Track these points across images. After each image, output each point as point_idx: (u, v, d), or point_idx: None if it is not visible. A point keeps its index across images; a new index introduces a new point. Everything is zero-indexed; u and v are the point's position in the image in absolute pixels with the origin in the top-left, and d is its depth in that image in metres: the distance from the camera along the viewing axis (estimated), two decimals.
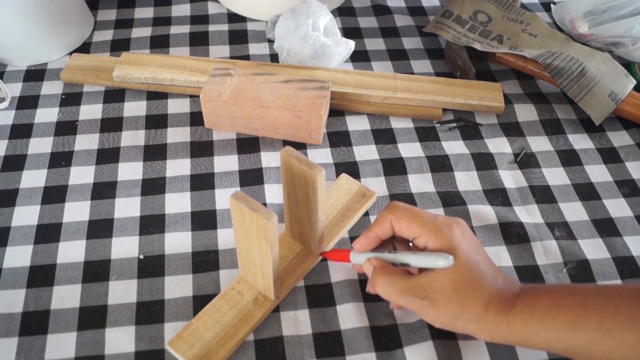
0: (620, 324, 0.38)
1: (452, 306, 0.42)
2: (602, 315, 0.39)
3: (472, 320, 0.43)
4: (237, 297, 0.49)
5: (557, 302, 0.41)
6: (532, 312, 0.41)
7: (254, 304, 0.48)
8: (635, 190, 0.61)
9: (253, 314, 0.48)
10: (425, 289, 0.43)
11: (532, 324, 0.41)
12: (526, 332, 0.41)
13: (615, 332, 0.38)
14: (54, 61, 0.72)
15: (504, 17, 0.75)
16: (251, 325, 0.47)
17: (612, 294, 0.40)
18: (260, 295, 0.49)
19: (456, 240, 0.43)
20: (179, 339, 0.46)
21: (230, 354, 0.46)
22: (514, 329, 0.42)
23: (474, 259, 0.43)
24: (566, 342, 0.40)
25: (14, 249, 0.53)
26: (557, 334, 0.40)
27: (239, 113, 0.61)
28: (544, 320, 0.41)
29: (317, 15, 0.67)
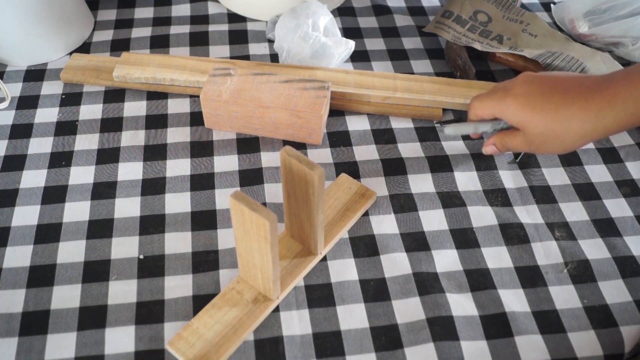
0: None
1: (547, 139, 0.47)
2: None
3: (574, 140, 0.47)
4: (237, 297, 0.49)
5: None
6: (635, 100, 0.43)
7: (254, 303, 0.48)
8: (635, 190, 0.61)
9: (253, 314, 0.48)
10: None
11: (638, 111, 0.43)
12: (634, 119, 0.43)
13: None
14: (54, 61, 0.72)
15: (504, 17, 0.75)
16: (251, 325, 0.47)
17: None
18: (260, 295, 0.49)
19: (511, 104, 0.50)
20: (179, 338, 0.46)
21: (230, 353, 0.46)
22: (620, 123, 0.44)
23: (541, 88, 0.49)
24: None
25: (14, 249, 0.53)
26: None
27: (239, 113, 0.61)
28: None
29: (317, 15, 0.67)
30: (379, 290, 0.51)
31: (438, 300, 0.51)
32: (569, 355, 0.48)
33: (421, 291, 0.51)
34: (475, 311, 0.50)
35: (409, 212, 0.57)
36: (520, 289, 0.52)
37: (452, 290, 0.52)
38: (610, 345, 0.49)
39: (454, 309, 0.50)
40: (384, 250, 0.54)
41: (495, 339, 0.49)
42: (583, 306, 0.51)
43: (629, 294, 0.52)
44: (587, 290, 0.52)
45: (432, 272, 0.53)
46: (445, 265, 0.53)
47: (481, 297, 0.51)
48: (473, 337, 0.49)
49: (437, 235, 0.56)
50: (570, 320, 0.50)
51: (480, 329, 0.49)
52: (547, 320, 0.50)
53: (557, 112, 0.47)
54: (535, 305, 0.51)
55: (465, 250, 0.55)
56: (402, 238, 0.55)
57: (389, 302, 0.51)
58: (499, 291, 0.52)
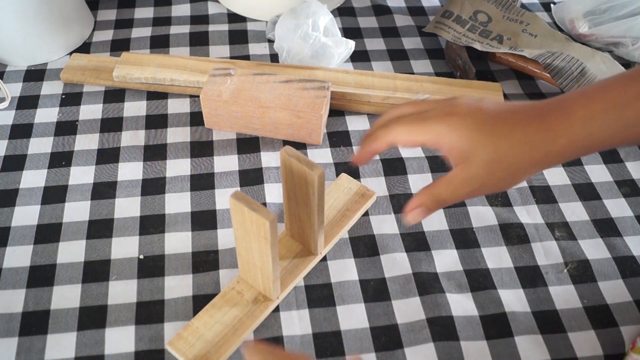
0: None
1: (495, 174, 0.39)
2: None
3: (526, 169, 0.39)
4: (237, 297, 0.49)
5: (615, 102, 0.37)
6: (592, 120, 0.38)
7: (254, 303, 0.48)
8: (635, 190, 0.61)
9: (253, 314, 0.48)
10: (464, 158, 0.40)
11: (599, 134, 0.38)
12: (595, 142, 0.38)
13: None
14: (54, 61, 0.72)
15: (504, 17, 0.75)
16: (251, 325, 0.47)
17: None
18: (260, 295, 0.49)
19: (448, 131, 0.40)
20: (179, 338, 0.46)
21: (230, 353, 0.46)
22: (579, 146, 0.38)
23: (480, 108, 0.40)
24: (637, 134, 0.37)
25: (14, 249, 0.53)
26: (628, 131, 0.37)
27: (239, 113, 0.61)
28: (609, 123, 0.37)
29: (317, 15, 0.67)
30: (379, 290, 0.51)
31: (438, 300, 0.51)
32: (569, 355, 0.48)
33: (421, 291, 0.51)
34: (475, 311, 0.50)
35: None
36: (520, 289, 0.52)
37: (452, 290, 0.52)
38: (610, 345, 0.49)
39: (454, 309, 0.50)
40: (384, 250, 0.54)
41: (495, 339, 0.49)
42: (583, 306, 0.51)
43: (629, 294, 0.52)
44: (587, 290, 0.52)
45: (432, 272, 0.53)
46: (445, 265, 0.53)
47: (481, 297, 0.51)
48: (473, 337, 0.49)
49: (437, 235, 0.56)
50: (570, 320, 0.50)
51: (480, 329, 0.49)
52: (547, 320, 0.50)
53: (511, 135, 0.39)
54: (535, 305, 0.51)
55: (465, 250, 0.55)
56: (402, 238, 0.55)
57: (389, 302, 0.51)
58: (499, 291, 0.52)
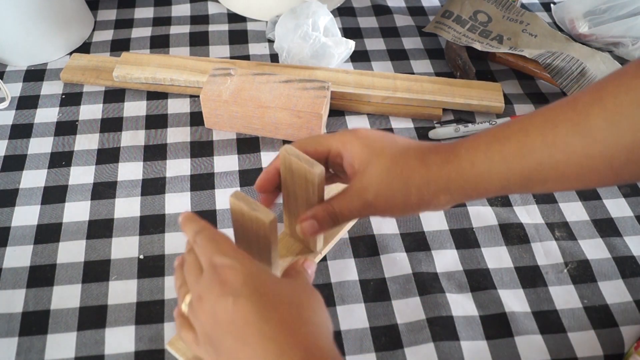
0: (563, 134, 0.38)
1: (391, 184, 0.41)
2: (544, 132, 0.38)
3: (419, 185, 0.41)
4: None
5: (497, 136, 0.40)
6: (475, 151, 0.40)
7: None
8: (635, 190, 0.61)
9: None
10: (359, 195, 0.42)
11: (480, 163, 0.40)
12: (478, 173, 0.40)
13: (561, 144, 0.38)
14: (54, 61, 0.72)
15: (504, 17, 0.75)
16: None
17: (549, 111, 0.40)
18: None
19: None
20: (178, 338, 0.46)
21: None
22: (464, 174, 0.40)
23: (374, 139, 0.43)
24: (518, 170, 0.39)
25: (14, 249, 0.53)
26: (507, 165, 0.39)
27: (239, 113, 0.61)
28: (490, 156, 0.40)
29: (317, 15, 0.67)
30: (379, 290, 0.51)
31: (438, 300, 0.51)
32: (569, 355, 0.48)
33: (421, 291, 0.51)
34: (475, 311, 0.50)
35: None
36: (520, 289, 0.52)
37: (452, 290, 0.52)
38: (610, 345, 0.49)
39: (454, 309, 0.50)
40: (384, 250, 0.54)
41: (495, 339, 0.49)
42: (583, 306, 0.51)
43: (628, 294, 0.52)
44: (587, 290, 0.52)
45: (432, 272, 0.53)
46: (445, 265, 0.53)
47: (481, 297, 0.51)
48: (473, 337, 0.49)
49: (437, 235, 0.56)
50: (570, 320, 0.50)
51: (480, 329, 0.49)
52: (547, 320, 0.50)
53: (409, 151, 0.42)
54: (536, 306, 0.51)
55: (465, 250, 0.55)
56: (402, 238, 0.55)
57: (389, 302, 0.51)
58: (499, 291, 0.52)
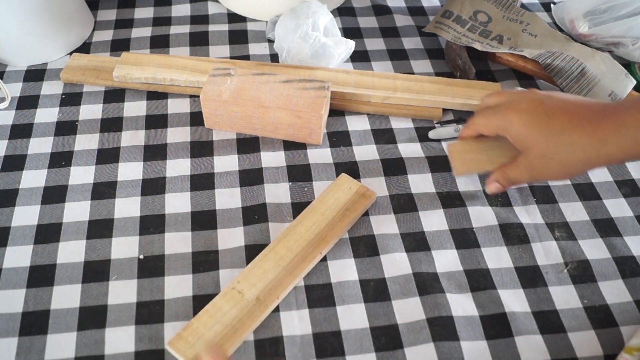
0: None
1: (551, 158, 0.45)
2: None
3: (571, 144, 0.44)
4: (238, 296, 0.49)
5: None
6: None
7: (254, 303, 0.48)
8: (635, 190, 0.61)
9: (253, 314, 0.48)
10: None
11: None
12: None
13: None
14: (54, 61, 0.72)
15: (504, 17, 0.75)
16: (251, 326, 0.47)
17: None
18: (261, 295, 0.49)
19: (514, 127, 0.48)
20: (179, 338, 0.46)
21: (230, 353, 0.46)
22: (629, 151, 0.42)
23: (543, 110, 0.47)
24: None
25: (14, 249, 0.53)
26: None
27: (239, 113, 0.61)
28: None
29: (317, 15, 0.67)
30: (379, 291, 0.51)
31: (438, 301, 0.51)
32: (569, 355, 0.48)
33: (421, 291, 0.51)
34: (475, 311, 0.50)
35: (409, 212, 0.57)
36: (520, 289, 0.52)
37: (452, 291, 0.52)
38: (610, 345, 0.49)
39: (454, 309, 0.50)
40: (384, 250, 0.54)
41: (496, 339, 0.49)
42: (583, 306, 0.51)
43: (629, 294, 0.52)
44: (587, 290, 0.52)
45: (432, 272, 0.53)
46: (446, 266, 0.53)
47: (481, 297, 0.51)
48: (473, 337, 0.49)
49: (437, 236, 0.56)
50: (571, 320, 0.50)
51: (480, 329, 0.49)
52: (547, 321, 0.50)
53: (562, 136, 0.45)
54: (536, 306, 0.51)
55: (465, 250, 0.55)
56: (402, 238, 0.55)
57: (389, 302, 0.51)
58: (499, 291, 0.52)
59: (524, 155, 0.49)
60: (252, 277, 0.50)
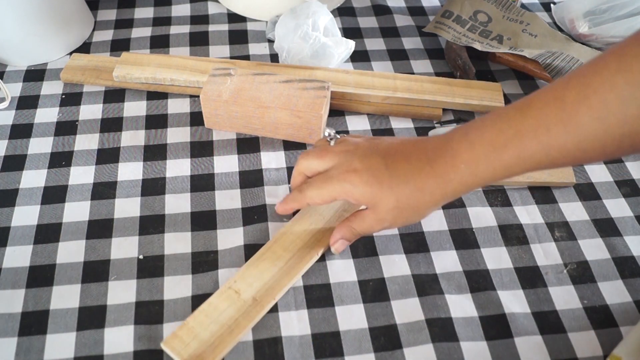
0: (556, 135, 0.38)
1: (402, 212, 0.44)
2: (538, 136, 0.38)
3: (428, 207, 0.44)
4: (234, 296, 0.49)
5: (494, 144, 0.40)
6: (476, 164, 0.41)
7: (250, 303, 0.48)
8: (635, 190, 0.61)
9: (250, 314, 0.48)
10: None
11: (482, 173, 0.41)
12: (481, 180, 0.41)
13: (555, 144, 0.38)
14: (54, 61, 0.72)
15: (504, 17, 0.75)
16: (247, 325, 0.47)
17: (539, 113, 0.39)
18: (258, 295, 0.49)
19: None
20: (174, 337, 0.46)
21: (225, 353, 0.46)
22: (469, 184, 0.41)
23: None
24: (519, 171, 0.40)
25: (13, 249, 0.53)
26: (509, 170, 0.40)
27: (239, 113, 0.61)
28: (491, 165, 0.40)
29: (317, 15, 0.67)
30: (378, 291, 0.51)
31: (437, 302, 0.51)
32: (569, 355, 0.48)
33: (420, 292, 0.51)
34: (474, 312, 0.50)
35: None
36: (520, 290, 0.52)
37: (452, 291, 0.52)
38: (610, 345, 0.49)
39: (453, 310, 0.50)
40: (383, 250, 0.54)
41: (495, 340, 0.49)
42: (583, 307, 0.51)
43: (629, 294, 0.52)
44: (587, 290, 0.52)
45: (432, 273, 0.53)
46: (445, 266, 0.53)
47: (481, 298, 0.51)
48: (472, 338, 0.49)
49: (437, 236, 0.56)
50: (571, 320, 0.50)
51: (479, 329, 0.49)
52: (547, 321, 0.50)
53: (408, 184, 0.43)
54: (535, 306, 0.51)
55: (464, 251, 0.55)
56: (401, 239, 0.55)
57: (388, 302, 0.51)
58: (498, 292, 0.52)
59: (371, 210, 0.46)
60: (249, 277, 0.50)
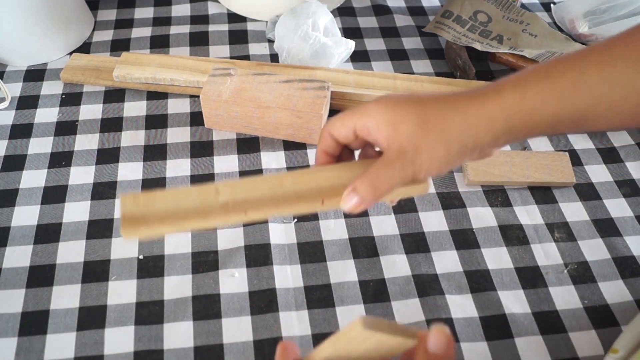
0: (623, 68, 0.36)
1: (428, 136, 0.37)
2: (601, 68, 0.36)
3: (459, 131, 0.37)
4: (212, 193, 0.40)
5: (548, 72, 0.37)
6: (524, 87, 0.37)
7: (221, 206, 0.40)
8: (635, 190, 0.61)
9: (212, 214, 0.39)
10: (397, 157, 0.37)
11: (530, 98, 0.37)
12: (527, 109, 0.37)
13: (620, 79, 0.36)
14: (54, 61, 0.72)
15: (504, 17, 0.75)
16: (203, 225, 0.39)
17: (603, 48, 0.37)
18: (232, 202, 0.40)
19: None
20: (134, 196, 0.39)
21: (162, 234, 0.40)
22: (511, 111, 0.37)
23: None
24: (572, 107, 0.36)
25: (13, 249, 0.53)
26: (561, 101, 0.36)
27: (239, 113, 0.61)
28: (541, 91, 0.37)
29: (317, 15, 0.67)
30: (378, 291, 0.51)
31: (438, 302, 0.51)
32: (570, 355, 0.48)
33: (421, 292, 0.51)
34: (475, 312, 0.50)
35: (408, 213, 0.57)
36: (520, 290, 0.52)
37: (452, 292, 0.52)
38: (611, 343, 0.49)
39: (454, 310, 0.50)
40: (384, 251, 0.54)
41: (496, 340, 0.49)
42: (584, 306, 0.51)
43: (629, 294, 0.52)
44: (587, 290, 0.52)
45: (432, 273, 0.53)
46: (445, 267, 0.53)
47: (481, 298, 0.51)
48: (473, 339, 0.49)
49: (437, 236, 0.56)
50: (571, 320, 0.50)
51: (480, 330, 0.49)
52: (548, 321, 0.50)
53: (437, 101, 0.38)
54: (536, 306, 0.51)
55: (465, 251, 0.55)
56: (402, 239, 0.55)
57: (389, 303, 0.51)
58: (499, 292, 0.52)
59: (395, 150, 0.38)
60: (239, 187, 0.41)
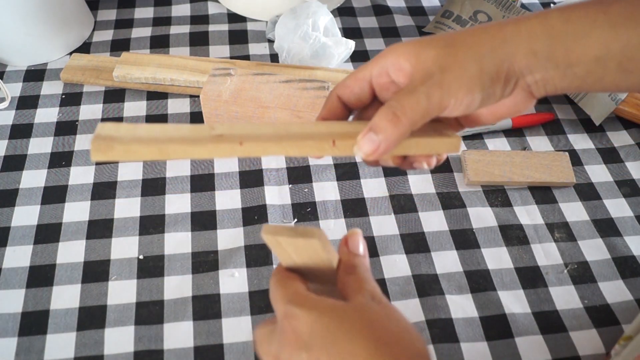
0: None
1: (456, 55, 0.33)
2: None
3: (494, 47, 0.32)
4: (206, 129, 0.34)
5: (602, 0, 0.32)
6: (571, 9, 0.32)
7: (213, 135, 0.33)
8: (635, 190, 0.61)
9: (199, 142, 0.32)
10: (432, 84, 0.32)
11: (576, 20, 0.32)
12: (573, 31, 0.32)
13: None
14: (54, 61, 0.72)
15: (504, 17, 0.75)
16: (188, 153, 0.32)
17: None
18: (227, 133, 0.33)
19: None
20: (117, 124, 0.32)
21: (141, 158, 0.32)
22: (553, 30, 0.32)
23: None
24: (625, 38, 0.31)
25: (13, 249, 0.53)
26: (613, 29, 0.31)
27: (239, 113, 0.61)
28: (591, 15, 0.32)
29: (317, 15, 0.67)
30: None
31: (438, 302, 0.51)
32: (570, 354, 0.48)
33: (421, 293, 0.51)
34: (475, 312, 0.50)
35: (409, 213, 0.57)
36: (520, 290, 0.52)
37: (452, 292, 0.52)
38: (613, 342, 0.49)
39: (454, 311, 0.50)
40: (384, 251, 0.54)
41: (496, 340, 0.49)
42: (584, 306, 0.51)
43: (629, 293, 0.52)
44: (587, 290, 0.52)
45: (432, 273, 0.53)
46: (445, 267, 0.53)
47: (481, 298, 0.51)
48: (473, 339, 0.49)
49: (437, 236, 0.56)
50: (571, 320, 0.50)
51: (480, 330, 0.49)
52: (548, 321, 0.50)
53: (464, 31, 0.34)
54: (536, 306, 0.51)
55: (465, 251, 0.55)
56: (402, 239, 0.55)
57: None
58: (499, 292, 0.52)
59: (419, 76, 0.33)
60: (239, 126, 0.34)
